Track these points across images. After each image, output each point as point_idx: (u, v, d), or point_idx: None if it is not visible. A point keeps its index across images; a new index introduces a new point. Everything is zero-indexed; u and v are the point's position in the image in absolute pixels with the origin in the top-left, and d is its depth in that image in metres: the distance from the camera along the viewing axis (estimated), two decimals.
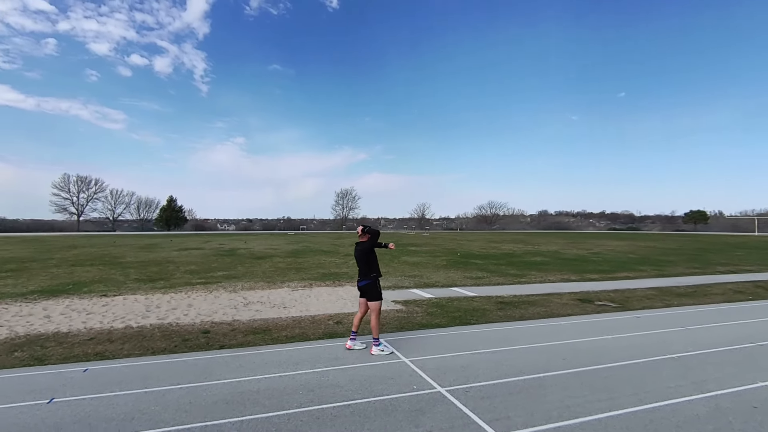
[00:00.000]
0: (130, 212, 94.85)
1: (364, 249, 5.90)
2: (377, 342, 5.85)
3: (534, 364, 5.25)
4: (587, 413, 3.84)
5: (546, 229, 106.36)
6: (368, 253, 5.89)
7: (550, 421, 3.70)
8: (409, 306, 9.04)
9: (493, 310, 8.70)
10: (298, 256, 21.49)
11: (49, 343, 6.29)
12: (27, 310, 8.58)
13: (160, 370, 5.11)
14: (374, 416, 3.78)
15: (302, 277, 13.70)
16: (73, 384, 4.66)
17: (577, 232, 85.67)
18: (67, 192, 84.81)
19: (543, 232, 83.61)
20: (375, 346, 5.79)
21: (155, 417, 3.79)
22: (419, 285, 12.02)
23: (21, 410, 3.97)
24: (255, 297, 10.28)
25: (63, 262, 18.53)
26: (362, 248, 5.93)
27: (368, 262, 5.88)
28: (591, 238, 53.19)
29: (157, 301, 9.60)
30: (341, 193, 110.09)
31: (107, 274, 14.45)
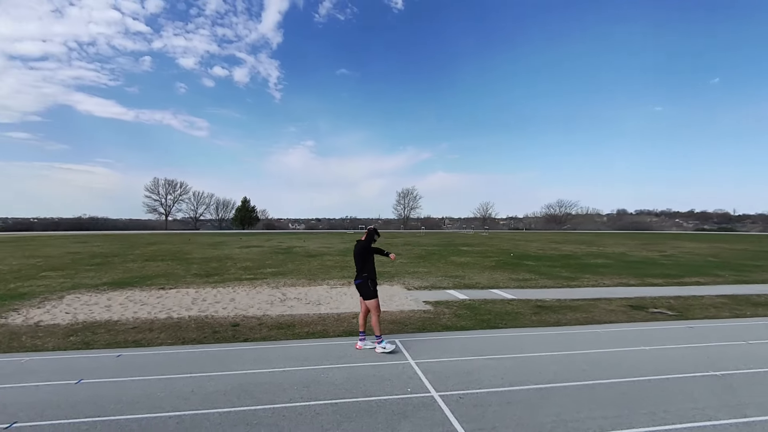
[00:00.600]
0: (210, 212, 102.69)
1: (359, 248, 5.93)
2: (379, 339, 5.84)
3: (547, 373, 4.89)
4: (583, 430, 3.50)
5: (622, 230, 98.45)
6: (363, 253, 5.89)
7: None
8: (438, 307, 8.85)
9: (527, 314, 8.24)
10: (347, 255, 21.92)
11: (99, 330, 7.03)
12: (94, 300, 9.65)
13: (180, 359, 5.49)
14: (355, 417, 3.76)
15: (344, 275, 13.96)
16: (104, 368, 5.16)
17: (655, 233, 78.34)
18: (157, 194, 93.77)
19: (617, 233, 77.49)
20: (378, 344, 5.78)
21: (156, 402, 4.08)
22: (458, 286, 11.72)
23: (52, 388, 4.48)
24: (293, 293, 10.65)
25: (139, 258, 20.57)
26: (359, 247, 5.95)
27: (363, 262, 5.88)
28: (670, 239, 48.34)
29: (205, 295, 10.31)
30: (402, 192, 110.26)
31: (172, 269, 15.80)
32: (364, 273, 5.86)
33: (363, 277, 5.86)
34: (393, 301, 9.56)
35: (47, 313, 8.22)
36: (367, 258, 5.90)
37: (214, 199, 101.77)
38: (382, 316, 7.99)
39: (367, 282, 5.85)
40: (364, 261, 5.89)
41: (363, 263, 5.88)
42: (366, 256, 5.89)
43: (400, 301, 9.56)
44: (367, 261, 5.90)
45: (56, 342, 6.38)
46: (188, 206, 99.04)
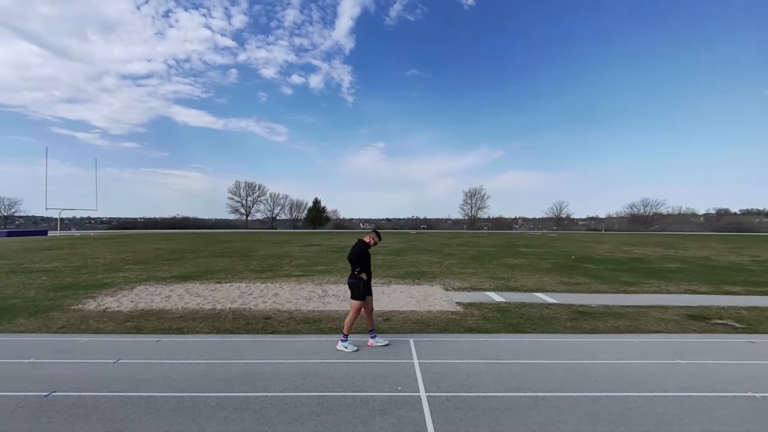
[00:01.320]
0: (284, 212, 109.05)
1: (357, 248, 6.05)
2: (344, 338, 5.92)
3: (552, 381, 4.63)
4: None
5: (720, 231, 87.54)
6: (357, 254, 5.98)
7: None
8: (469, 309, 8.66)
9: (563, 319, 7.78)
10: (398, 254, 22.09)
11: (151, 318, 7.89)
12: (158, 291, 10.81)
13: (206, 346, 6.01)
14: (335, 410, 3.89)
15: (388, 273, 14.13)
16: (142, 351, 5.82)
17: (760, 236, 68.62)
18: (238, 196, 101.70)
19: (711, 235, 69.09)
20: (341, 341, 5.90)
21: (169, 383, 4.55)
22: (500, 288, 11.34)
23: (93, 365, 5.17)
24: (333, 290, 11.02)
25: (210, 254, 22.49)
26: (356, 247, 6.08)
27: (357, 259, 5.98)
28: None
29: (253, 289, 11.06)
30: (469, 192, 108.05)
31: (234, 265, 17.09)
32: (360, 273, 5.96)
33: (356, 276, 5.95)
34: (426, 301, 9.52)
35: (116, 301, 9.39)
36: (360, 259, 5.98)
37: (288, 200, 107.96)
38: (408, 315, 8.06)
39: (359, 283, 5.95)
40: (359, 261, 5.98)
41: (359, 260, 5.97)
42: (360, 258, 5.98)
43: (433, 301, 9.50)
44: (360, 262, 5.98)
45: (114, 326, 7.29)
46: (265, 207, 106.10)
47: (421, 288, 11.39)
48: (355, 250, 6.03)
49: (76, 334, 6.78)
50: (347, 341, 5.92)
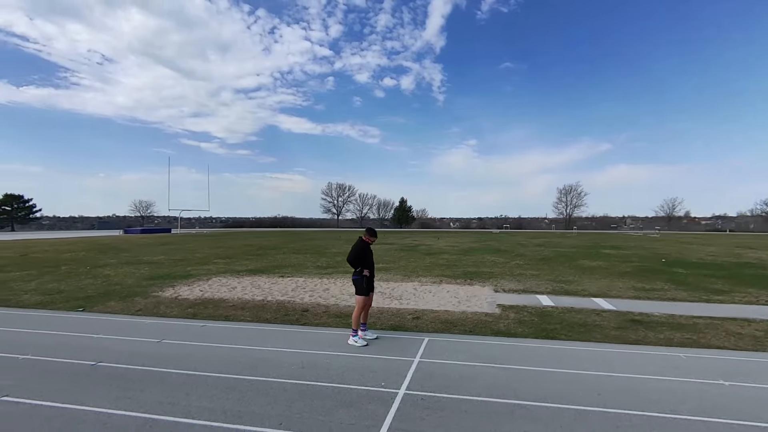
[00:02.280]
0: (372, 212, 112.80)
1: (352, 250, 6.32)
2: (354, 333, 6.14)
3: (544, 389, 4.34)
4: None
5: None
6: (355, 255, 6.24)
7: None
8: (507, 311, 8.30)
9: (608, 328, 7.10)
10: (466, 254, 21.61)
11: (209, 306, 8.91)
12: (229, 282, 12.08)
13: (238, 333, 6.68)
14: (308, 398, 4.13)
15: (444, 273, 14.00)
16: (186, 333, 6.67)
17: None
18: (330, 197, 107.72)
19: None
20: (351, 336, 6.12)
21: (190, 362, 5.20)
22: (556, 292, 10.60)
23: (140, 343, 6.09)
24: (382, 288, 11.29)
25: (289, 250, 24.28)
26: (357, 244, 6.34)
27: (358, 259, 6.22)
28: None
29: (308, 284, 11.81)
30: (564, 189, 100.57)
31: (304, 261, 18.29)
32: (357, 269, 6.21)
33: (359, 273, 6.18)
34: (468, 302, 9.32)
35: (189, 290, 10.75)
36: (360, 256, 6.22)
37: (376, 200, 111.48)
38: (439, 315, 8.01)
39: (362, 280, 6.16)
40: (360, 259, 6.21)
41: (359, 261, 6.21)
42: (359, 254, 6.22)
43: (475, 302, 9.26)
44: (362, 259, 6.21)
45: (178, 312, 8.39)
46: (355, 206, 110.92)
47: (471, 289, 11.12)
48: (354, 251, 6.29)
49: (146, 316, 7.97)
50: (356, 336, 6.14)
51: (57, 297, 9.94)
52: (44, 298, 9.89)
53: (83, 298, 9.85)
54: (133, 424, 3.59)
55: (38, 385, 4.46)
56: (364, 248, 6.36)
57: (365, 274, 6.20)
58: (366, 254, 6.33)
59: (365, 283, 6.22)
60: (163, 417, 3.69)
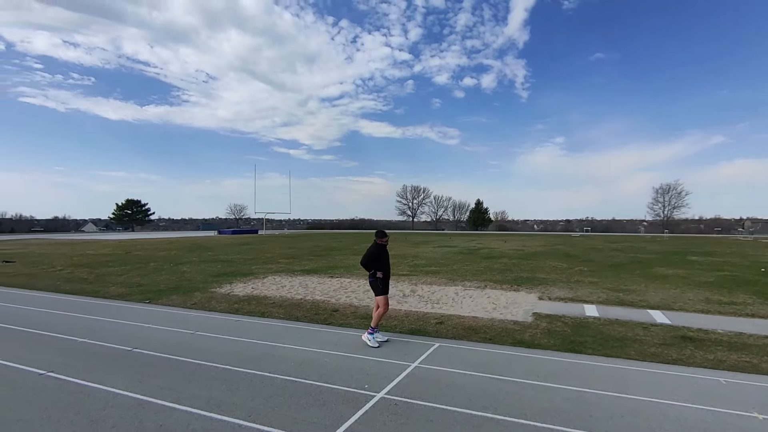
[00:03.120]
0: (447, 214, 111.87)
1: (365, 254, 6.47)
2: (371, 331, 6.26)
3: (526, 406, 4.07)
4: None
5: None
6: (367, 258, 6.39)
7: None
8: (539, 320, 7.83)
9: (650, 344, 6.38)
10: (527, 259, 20.50)
11: (252, 302, 9.63)
12: (280, 281, 12.90)
13: (264, 329, 7.18)
14: (287, 395, 4.35)
15: (493, 278, 13.49)
16: (218, 327, 7.33)
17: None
18: (405, 199, 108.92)
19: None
20: (368, 333, 6.25)
21: (208, 354, 5.73)
22: (609, 302, 9.70)
23: (175, 333, 6.82)
24: (422, 291, 11.26)
25: (351, 252, 25.05)
26: (366, 253, 6.48)
27: (369, 263, 6.36)
28: None
29: (351, 284, 12.17)
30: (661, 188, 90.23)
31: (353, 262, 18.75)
32: (371, 271, 6.36)
33: (373, 275, 6.28)
34: (506, 309, 8.93)
35: (242, 287, 11.68)
36: (375, 259, 6.36)
37: (451, 201, 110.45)
38: (463, 321, 7.82)
39: (377, 281, 6.29)
40: (372, 261, 6.36)
41: (371, 263, 6.35)
42: (374, 257, 6.37)
43: (511, 310, 8.85)
44: (375, 261, 6.35)
45: (225, 307, 9.20)
46: (430, 209, 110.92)
47: (514, 295, 10.62)
48: (366, 255, 6.43)
49: (196, 310, 8.87)
50: (373, 335, 6.27)
51: (135, 290, 11.44)
52: (125, 290, 11.44)
53: (155, 291, 11.21)
54: (130, 404, 4.10)
55: (80, 364, 5.27)
56: (377, 251, 6.47)
57: (378, 275, 6.33)
58: (379, 256, 6.45)
59: (380, 284, 6.37)
60: (155, 400, 4.16)
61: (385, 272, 6.42)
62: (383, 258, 6.50)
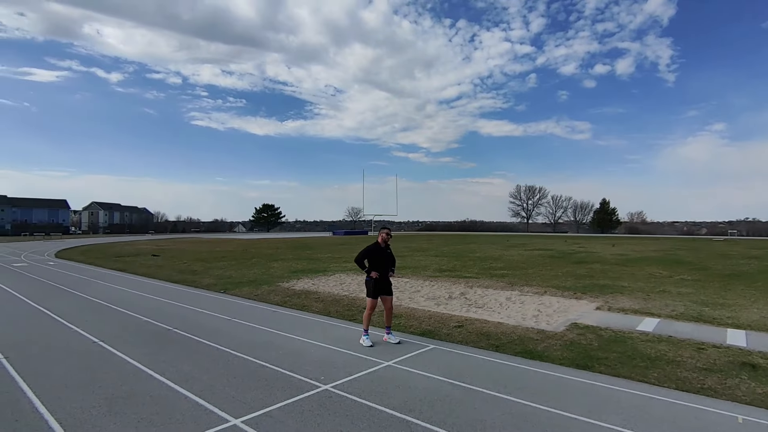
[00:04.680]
0: (567, 215, 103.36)
1: (359, 253, 6.41)
2: (364, 333, 6.26)
3: (458, 416, 3.88)
4: None
5: None
6: (362, 251, 6.35)
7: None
8: (572, 331, 7.07)
9: (685, 368, 5.35)
10: (625, 264, 17.98)
11: (301, 296, 10.49)
12: (344, 279, 13.69)
13: (288, 320, 7.91)
14: (245, 376, 4.86)
15: (561, 284, 12.32)
16: (255, 316, 8.26)
17: None
18: (519, 199, 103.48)
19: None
20: (362, 335, 6.24)
21: (222, 337, 6.60)
22: (679, 316, 8.19)
23: (214, 318, 7.91)
24: (472, 294, 10.90)
25: (434, 253, 25.01)
26: (360, 251, 6.42)
27: (360, 260, 6.35)
28: None
29: (404, 284, 12.34)
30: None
31: (437, 262, 18.74)
32: (370, 272, 6.27)
33: (368, 275, 6.30)
34: (549, 317, 8.20)
35: (304, 283, 12.73)
36: (369, 257, 6.30)
37: (571, 202, 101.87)
38: (482, 326, 7.59)
39: (370, 281, 6.27)
40: (363, 259, 6.32)
41: (362, 261, 6.35)
42: (367, 255, 6.32)
43: (553, 318, 8.11)
44: (369, 260, 6.28)
45: (278, 299, 10.22)
46: (546, 210, 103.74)
47: (570, 303, 9.64)
48: (360, 253, 6.37)
49: (253, 300, 10.05)
50: (365, 336, 6.27)
51: (222, 281, 13.32)
52: (214, 281, 13.40)
53: (235, 283, 12.91)
54: (128, 371, 5.05)
55: (125, 337, 6.56)
56: (372, 249, 6.31)
57: (372, 276, 6.22)
58: (374, 255, 6.29)
59: (372, 286, 6.26)
60: (146, 369, 5.06)
61: (381, 273, 6.25)
62: (380, 257, 6.31)
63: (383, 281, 6.37)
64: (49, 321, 7.80)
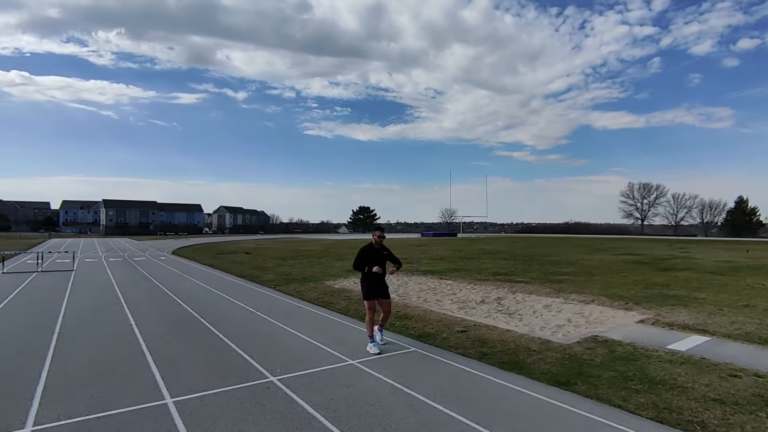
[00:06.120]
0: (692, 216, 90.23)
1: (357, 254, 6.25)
2: (370, 339, 6.03)
3: (366, 416, 3.84)
4: None
5: None
6: (356, 260, 6.19)
7: None
8: (584, 345, 6.31)
9: (696, 397, 4.51)
10: (723, 274, 15.08)
11: (335, 294, 10.92)
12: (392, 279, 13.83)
13: (304, 315, 8.39)
14: (211, 362, 5.34)
15: (619, 293, 10.87)
16: (278, 309, 8.92)
17: None
18: (631, 199, 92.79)
19: None
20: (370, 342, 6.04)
21: (233, 324, 7.29)
22: (743, 337, 6.79)
23: (243, 310, 8.71)
24: (509, 300, 10.24)
25: (506, 256, 23.77)
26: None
27: (356, 264, 6.21)
28: None
29: (445, 287, 12.07)
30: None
31: (504, 267, 17.89)
32: (369, 269, 6.01)
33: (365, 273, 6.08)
34: (575, 327, 7.44)
35: (345, 282, 13.17)
36: (361, 262, 6.10)
37: (697, 201, 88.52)
38: (486, 333, 7.25)
39: (364, 282, 6.12)
40: (358, 261, 6.13)
41: (358, 264, 6.15)
42: (360, 257, 6.14)
43: (577, 329, 7.32)
44: (362, 262, 6.09)
45: (314, 296, 10.80)
46: (666, 210, 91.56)
47: (615, 313, 8.57)
48: (356, 259, 6.20)
49: (292, 296, 10.75)
50: (372, 343, 5.99)
51: (278, 277, 14.45)
52: (273, 277, 14.60)
53: (290, 279, 13.91)
54: (134, 342, 5.91)
55: (152, 322, 7.61)
56: (366, 249, 6.17)
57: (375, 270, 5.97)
58: (368, 256, 6.10)
59: (366, 287, 6.11)
60: (142, 343, 5.86)
61: (374, 273, 5.99)
62: (374, 259, 6.09)
63: (378, 283, 6.15)
64: (117, 303, 9.35)
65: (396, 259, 6.43)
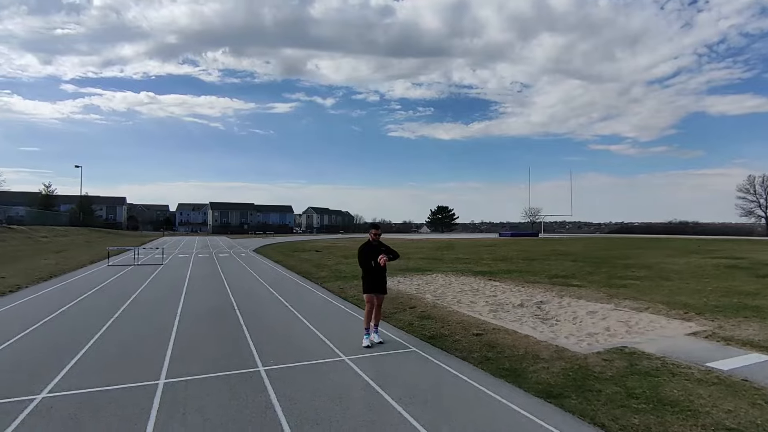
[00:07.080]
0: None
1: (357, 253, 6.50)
2: (365, 332, 6.27)
3: (334, 426, 3.95)
4: None
5: None
6: (359, 257, 6.47)
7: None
8: (599, 354, 5.75)
9: (708, 424, 3.93)
10: None
11: None
12: (438, 279, 13.73)
13: (330, 311, 8.75)
14: (225, 352, 5.82)
15: (688, 301, 9.50)
16: (311, 305, 9.38)
17: None
18: (752, 194, 79.46)
19: None
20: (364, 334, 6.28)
21: (255, 318, 7.86)
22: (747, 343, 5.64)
23: (273, 304, 9.30)
24: (552, 304, 9.58)
25: (564, 258, 22.00)
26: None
27: (359, 262, 6.45)
28: None
29: (487, 287, 11.64)
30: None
31: (572, 269, 16.71)
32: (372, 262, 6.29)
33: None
34: (607, 337, 6.76)
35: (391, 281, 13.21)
36: (362, 258, 6.39)
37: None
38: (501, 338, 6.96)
39: (363, 278, 6.47)
40: (360, 259, 6.43)
41: (361, 262, 6.45)
42: (360, 255, 6.45)
43: (607, 339, 6.67)
44: (362, 259, 6.40)
45: (352, 292, 11.03)
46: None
47: (667, 323, 7.60)
48: (358, 258, 6.52)
49: (333, 293, 11.14)
50: (366, 335, 6.23)
51: (330, 275, 15.00)
52: (327, 274, 15.21)
53: (340, 277, 14.34)
54: (159, 321, 6.68)
55: (193, 311, 8.46)
56: (363, 247, 6.48)
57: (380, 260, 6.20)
58: (368, 251, 6.37)
59: (368, 281, 6.36)
60: (168, 324, 6.59)
61: (372, 268, 6.29)
62: (373, 254, 6.33)
63: (379, 279, 6.40)
64: (176, 296, 10.53)
65: (394, 252, 6.69)
